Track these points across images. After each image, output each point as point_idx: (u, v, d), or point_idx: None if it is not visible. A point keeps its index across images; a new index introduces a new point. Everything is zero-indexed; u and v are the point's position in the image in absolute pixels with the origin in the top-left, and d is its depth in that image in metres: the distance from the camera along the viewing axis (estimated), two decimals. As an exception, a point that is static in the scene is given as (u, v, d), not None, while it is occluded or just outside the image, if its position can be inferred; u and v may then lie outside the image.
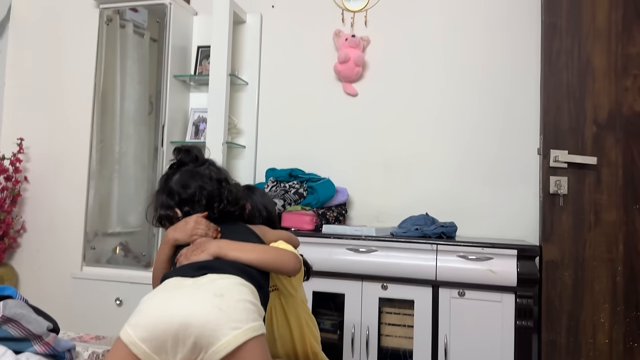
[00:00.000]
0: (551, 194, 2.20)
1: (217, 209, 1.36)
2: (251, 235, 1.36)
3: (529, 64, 2.52)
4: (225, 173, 1.45)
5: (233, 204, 1.39)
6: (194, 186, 1.36)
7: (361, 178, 2.71)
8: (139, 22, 2.94)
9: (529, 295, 2.06)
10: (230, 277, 1.12)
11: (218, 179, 1.40)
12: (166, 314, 1.02)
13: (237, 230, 1.36)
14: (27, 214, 2.85)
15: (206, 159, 1.45)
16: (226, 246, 1.23)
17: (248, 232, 1.37)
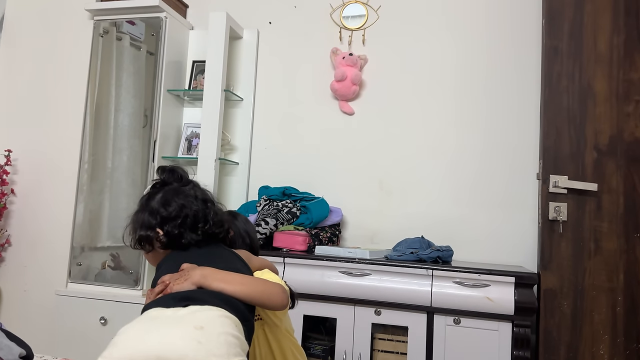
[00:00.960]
0: (550, 220, 2.15)
1: (201, 229, 1.29)
2: (236, 260, 1.29)
3: (528, 88, 2.49)
4: (210, 194, 1.38)
5: (218, 226, 1.33)
6: (178, 204, 1.29)
7: (356, 198, 2.66)
8: (136, 35, 2.90)
9: (527, 324, 2.00)
10: (213, 309, 1.05)
11: (203, 199, 1.34)
12: (142, 347, 0.95)
13: (221, 254, 1.29)
14: (13, 228, 2.78)
15: (190, 179, 1.39)
16: (210, 275, 1.14)
17: (232, 256, 1.30)
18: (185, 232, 1.27)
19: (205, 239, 1.30)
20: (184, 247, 1.28)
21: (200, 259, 1.22)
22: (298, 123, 2.79)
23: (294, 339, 1.47)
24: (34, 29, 2.88)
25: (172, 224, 1.27)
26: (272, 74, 2.86)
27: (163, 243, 1.28)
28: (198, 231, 1.28)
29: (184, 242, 1.27)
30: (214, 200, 1.38)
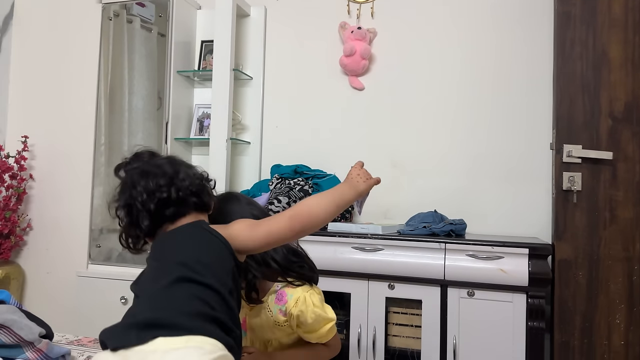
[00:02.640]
0: (564, 190, 2.12)
1: (155, 203, 1.10)
2: (204, 248, 1.06)
3: (541, 56, 2.44)
4: (179, 163, 1.20)
5: (185, 192, 1.12)
6: (120, 192, 1.17)
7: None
8: (146, 17, 2.90)
9: (541, 295, 1.99)
10: (187, 342, 0.86)
11: (172, 164, 1.17)
12: None
13: (186, 242, 1.08)
14: (33, 212, 2.84)
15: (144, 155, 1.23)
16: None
17: (202, 242, 1.07)
18: (139, 217, 1.12)
19: (180, 210, 1.12)
20: (152, 231, 1.13)
21: (161, 251, 1.08)
22: (308, 100, 2.78)
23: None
24: (45, 14, 2.90)
25: (123, 216, 1.16)
26: (280, 51, 2.84)
27: (133, 244, 1.17)
28: (150, 206, 1.10)
29: (143, 228, 1.12)
30: (183, 169, 1.17)
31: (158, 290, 0.97)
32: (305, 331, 1.35)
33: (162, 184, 1.12)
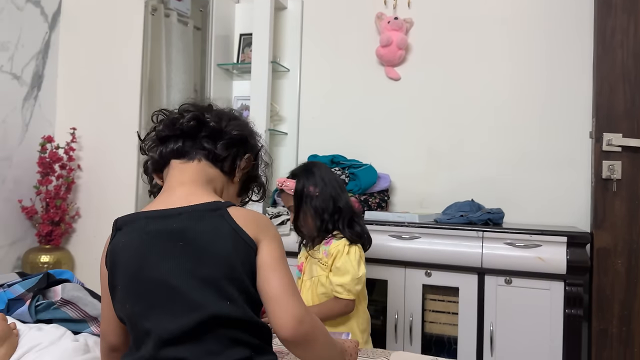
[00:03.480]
0: (604, 179, 2.12)
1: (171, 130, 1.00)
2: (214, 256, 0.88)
3: (581, 44, 2.42)
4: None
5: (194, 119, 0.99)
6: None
7: (404, 164, 2.69)
8: (182, 11, 2.98)
9: (579, 283, 2.01)
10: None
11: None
12: None
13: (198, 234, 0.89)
14: (81, 201, 2.96)
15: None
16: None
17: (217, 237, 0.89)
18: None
19: (184, 146, 0.98)
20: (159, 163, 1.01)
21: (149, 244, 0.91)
22: (344, 90, 2.82)
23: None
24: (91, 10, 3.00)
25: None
26: (316, 42, 2.89)
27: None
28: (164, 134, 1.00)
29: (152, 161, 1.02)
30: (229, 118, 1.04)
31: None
32: (333, 272, 1.63)
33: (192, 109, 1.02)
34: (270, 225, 0.96)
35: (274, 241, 0.92)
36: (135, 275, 0.89)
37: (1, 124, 2.65)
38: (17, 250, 2.77)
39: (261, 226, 0.93)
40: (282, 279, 0.88)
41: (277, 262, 0.90)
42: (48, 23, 2.95)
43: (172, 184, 0.97)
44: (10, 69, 2.70)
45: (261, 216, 0.97)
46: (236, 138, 1.00)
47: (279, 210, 2.46)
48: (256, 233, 0.91)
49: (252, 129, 1.06)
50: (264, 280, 0.88)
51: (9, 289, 1.33)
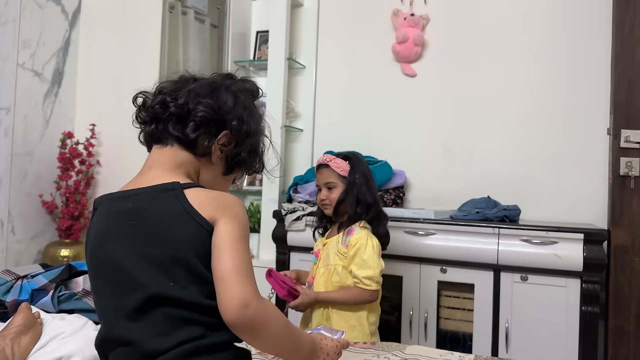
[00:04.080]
0: (621, 175, 2.10)
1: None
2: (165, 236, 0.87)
3: (599, 40, 2.40)
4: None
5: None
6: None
7: (419, 160, 2.69)
8: (199, 9, 3.01)
9: (596, 280, 1.99)
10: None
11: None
12: None
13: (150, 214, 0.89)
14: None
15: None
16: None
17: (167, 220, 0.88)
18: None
19: (156, 131, 0.98)
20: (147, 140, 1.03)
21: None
22: (360, 87, 2.83)
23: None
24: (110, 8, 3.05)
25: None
26: (332, 39, 2.90)
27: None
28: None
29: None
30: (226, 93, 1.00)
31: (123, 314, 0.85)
32: (356, 264, 1.67)
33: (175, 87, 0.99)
34: (233, 205, 0.90)
35: (232, 221, 0.87)
36: (96, 253, 0.90)
37: (22, 120, 2.71)
38: (38, 244, 2.83)
39: (220, 206, 0.89)
40: (233, 259, 0.83)
41: (231, 242, 0.85)
42: (68, 21, 3.00)
43: (143, 168, 0.98)
44: (32, 66, 2.76)
45: (224, 196, 0.93)
46: (203, 120, 0.95)
47: (294, 206, 2.48)
48: (213, 213, 0.87)
49: (230, 104, 0.98)
50: (215, 260, 0.84)
51: (32, 279, 1.37)
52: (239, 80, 1.05)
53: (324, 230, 1.89)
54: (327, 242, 1.81)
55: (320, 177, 1.81)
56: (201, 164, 0.98)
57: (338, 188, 1.76)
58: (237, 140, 0.99)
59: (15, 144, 2.66)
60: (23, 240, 2.74)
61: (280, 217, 2.46)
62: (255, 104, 1.05)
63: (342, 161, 1.79)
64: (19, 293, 1.33)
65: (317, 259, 1.82)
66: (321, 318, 1.73)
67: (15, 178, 2.67)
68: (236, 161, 1.01)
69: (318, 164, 1.84)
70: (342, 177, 1.77)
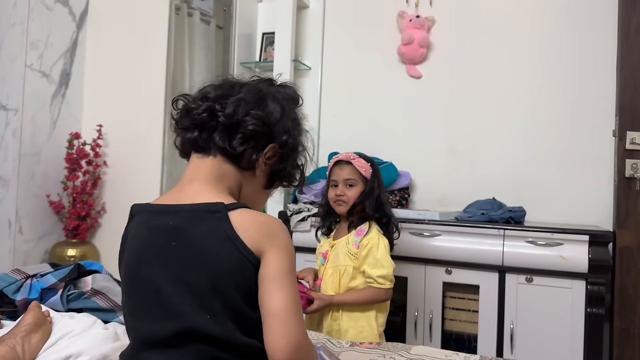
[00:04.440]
0: (627, 177, 2.10)
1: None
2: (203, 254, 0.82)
3: (604, 41, 2.40)
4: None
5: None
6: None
7: (425, 162, 2.69)
8: (205, 10, 3.02)
9: (601, 282, 1.99)
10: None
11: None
12: None
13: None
14: (107, 196, 3.03)
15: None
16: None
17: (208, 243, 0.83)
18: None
19: (199, 140, 0.92)
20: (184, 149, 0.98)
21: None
22: (365, 88, 2.84)
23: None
24: (117, 10, 3.07)
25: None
26: (338, 40, 2.91)
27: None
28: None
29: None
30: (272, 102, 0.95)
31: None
32: (369, 264, 1.70)
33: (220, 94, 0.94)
34: (280, 233, 0.84)
35: (281, 252, 0.81)
36: (132, 270, 0.86)
37: (30, 121, 2.73)
38: (45, 244, 2.85)
39: (267, 234, 0.82)
40: (286, 295, 0.78)
41: (283, 275, 0.79)
42: (76, 22, 3.02)
43: (183, 180, 0.92)
44: (40, 67, 2.78)
45: (270, 222, 0.85)
46: (253, 133, 0.89)
47: (300, 206, 2.49)
48: (259, 243, 0.81)
49: (278, 116, 0.93)
50: (266, 294, 0.78)
51: (41, 278, 1.38)
52: (280, 86, 1.00)
53: (328, 230, 1.89)
54: (335, 243, 1.81)
55: (340, 172, 1.80)
56: (244, 177, 0.92)
57: (357, 187, 1.77)
58: (283, 154, 0.94)
59: (23, 145, 2.68)
60: (30, 240, 2.76)
61: (285, 218, 2.47)
62: (298, 113, 1.00)
63: (365, 162, 1.80)
64: (28, 292, 1.34)
65: (324, 260, 1.82)
66: (330, 320, 1.73)
67: (22, 178, 2.69)
68: (280, 176, 0.96)
69: (338, 160, 1.83)
70: (363, 177, 1.78)
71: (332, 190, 1.81)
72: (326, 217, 1.89)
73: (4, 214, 2.66)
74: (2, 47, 2.69)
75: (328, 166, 1.89)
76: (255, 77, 1.01)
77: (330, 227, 1.90)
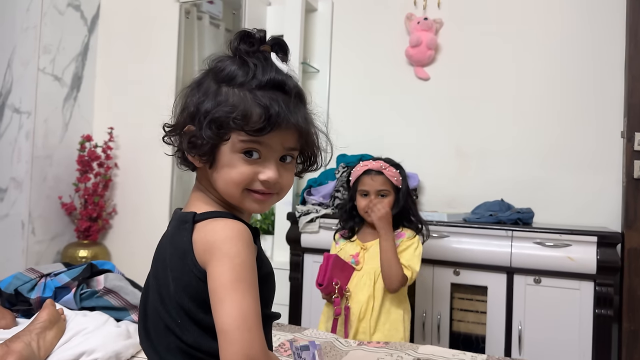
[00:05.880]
0: (635, 179, 2.10)
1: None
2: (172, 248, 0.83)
3: (613, 43, 2.40)
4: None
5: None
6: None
7: (433, 163, 2.70)
8: (214, 14, 3.06)
9: (609, 283, 1.99)
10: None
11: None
12: None
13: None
14: (118, 198, 3.08)
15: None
16: None
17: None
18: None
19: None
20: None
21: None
22: (373, 91, 2.85)
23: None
24: (128, 14, 3.12)
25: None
26: (346, 43, 2.93)
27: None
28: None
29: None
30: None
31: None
32: (404, 256, 1.77)
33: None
34: (225, 239, 0.77)
35: (221, 262, 0.75)
36: (147, 279, 0.90)
37: (43, 124, 2.77)
38: (57, 244, 2.89)
39: (208, 245, 0.77)
40: (232, 309, 0.72)
41: (226, 289, 0.73)
42: (87, 27, 3.07)
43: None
44: (52, 71, 2.82)
45: (216, 231, 0.79)
46: (169, 129, 0.88)
47: (308, 208, 2.50)
48: (202, 254, 0.77)
49: (183, 102, 0.87)
50: (213, 310, 0.74)
51: (55, 277, 1.41)
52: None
53: (350, 233, 1.90)
54: (367, 246, 1.84)
55: (372, 183, 1.81)
56: (201, 173, 0.90)
57: (390, 197, 1.80)
58: (196, 130, 0.85)
59: (35, 147, 2.73)
60: (43, 241, 2.80)
61: (294, 219, 2.49)
62: (205, 80, 0.89)
63: (395, 170, 1.82)
64: (42, 290, 1.37)
65: (356, 263, 1.82)
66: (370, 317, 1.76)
67: (35, 180, 2.73)
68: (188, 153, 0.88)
69: (367, 169, 1.83)
70: (394, 186, 1.80)
71: (363, 199, 1.81)
72: (349, 221, 1.90)
73: (17, 216, 2.70)
74: (15, 51, 2.74)
75: (354, 172, 1.88)
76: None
77: (353, 230, 1.90)
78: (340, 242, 1.91)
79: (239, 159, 0.81)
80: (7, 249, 2.71)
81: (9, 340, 1.10)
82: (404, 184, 1.83)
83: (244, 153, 0.80)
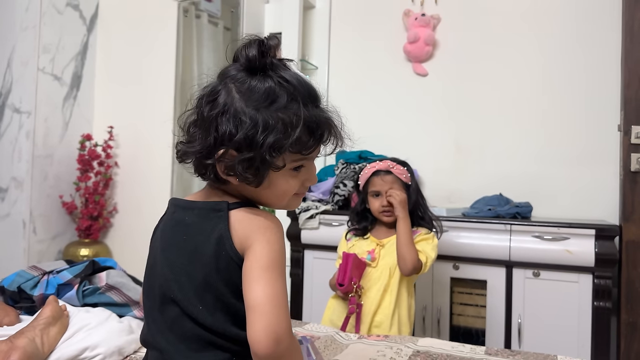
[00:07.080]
0: (632, 171, 2.11)
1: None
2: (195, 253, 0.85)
3: (609, 37, 2.41)
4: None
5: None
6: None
7: (431, 159, 2.71)
8: (213, 12, 3.06)
9: (608, 275, 2.01)
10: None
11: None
12: None
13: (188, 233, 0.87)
14: (118, 196, 3.08)
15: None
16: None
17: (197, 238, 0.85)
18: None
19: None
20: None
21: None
22: (371, 87, 2.86)
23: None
24: (126, 14, 3.12)
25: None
26: (344, 40, 2.94)
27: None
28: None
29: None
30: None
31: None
32: (421, 245, 1.79)
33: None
34: (267, 229, 0.82)
35: (263, 247, 0.80)
36: (151, 256, 0.91)
37: (43, 123, 2.78)
38: (58, 243, 2.90)
39: (253, 230, 0.82)
40: (266, 287, 0.77)
41: (263, 270, 0.78)
42: (86, 26, 3.07)
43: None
44: (52, 70, 2.83)
45: (261, 218, 0.84)
46: (200, 155, 0.86)
47: (308, 204, 2.52)
48: (244, 240, 0.81)
49: (218, 112, 0.84)
50: (246, 288, 0.78)
51: (58, 275, 1.43)
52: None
53: (363, 231, 1.90)
54: (384, 242, 1.84)
55: (382, 183, 1.82)
56: (231, 188, 0.91)
57: None
58: (239, 149, 0.86)
59: (36, 147, 2.74)
60: (44, 240, 2.81)
61: (294, 216, 2.51)
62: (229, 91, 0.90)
63: (402, 167, 1.83)
64: (45, 288, 1.38)
65: (372, 259, 1.82)
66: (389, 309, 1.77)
67: (36, 179, 2.74)
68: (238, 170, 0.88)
69: (376, 170, 1.84)
70: (404, 183, 1.81)
71: (375, 200, 1.82)
72: (362, 220, 1.91)
73: (18, 215, 2.71)
74: (15, 51, 2.74)
75: (362, 176, 1.89)
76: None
77: (366, 229, 1.90)
78: (353, 239, 1.91)
79: (290, 175, 0.86)
80: (9, 249, 2.72)
81: (13, 337, 1.12)
82: (413, 180, 1.84)
83: (293, 169, 0.86)
